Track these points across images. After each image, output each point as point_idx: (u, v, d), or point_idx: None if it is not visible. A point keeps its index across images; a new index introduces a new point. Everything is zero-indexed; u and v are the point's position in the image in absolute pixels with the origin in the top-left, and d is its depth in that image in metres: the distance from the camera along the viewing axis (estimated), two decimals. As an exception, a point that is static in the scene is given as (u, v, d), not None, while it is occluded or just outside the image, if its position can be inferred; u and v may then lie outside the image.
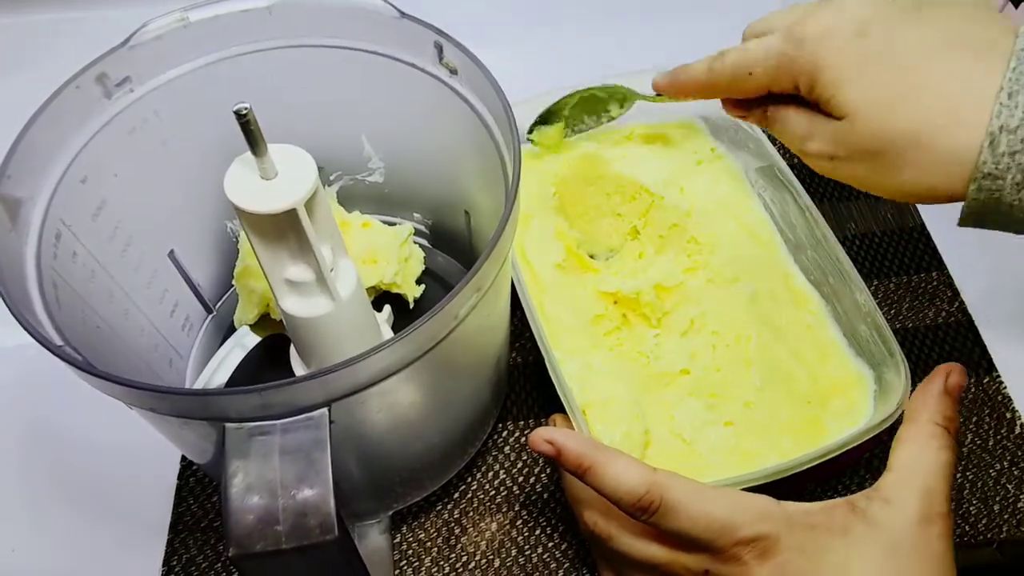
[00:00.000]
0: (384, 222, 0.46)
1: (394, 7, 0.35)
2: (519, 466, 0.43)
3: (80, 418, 0.45)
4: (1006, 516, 0.41)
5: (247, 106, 0.27)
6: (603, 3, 0.68)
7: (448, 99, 0.36)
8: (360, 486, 0.36)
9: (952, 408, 0.32)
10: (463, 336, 0.30)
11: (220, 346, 0.45)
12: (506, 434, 0.44)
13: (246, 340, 0.45)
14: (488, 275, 0.29)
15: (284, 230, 0.31)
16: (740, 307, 0.44)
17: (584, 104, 0.48)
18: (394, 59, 0.37)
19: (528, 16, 0.67)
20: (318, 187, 0.30)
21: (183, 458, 0.44)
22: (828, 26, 0.32)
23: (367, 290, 0.40)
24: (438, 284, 0.47)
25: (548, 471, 0.43)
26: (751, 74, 0.35)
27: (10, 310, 0.26)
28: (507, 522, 0.41)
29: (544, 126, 0.48)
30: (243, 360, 0.44)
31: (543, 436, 0.32)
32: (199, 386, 0.43)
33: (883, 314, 0.47)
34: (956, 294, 0.49)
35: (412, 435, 0.35)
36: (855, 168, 0.32)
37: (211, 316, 0.46)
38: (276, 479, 0.26)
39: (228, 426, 0.26)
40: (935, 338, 0.47)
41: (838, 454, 0.35)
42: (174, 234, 0.41)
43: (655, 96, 0.42)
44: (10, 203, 0.30)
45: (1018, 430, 0.44)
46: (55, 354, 0.26)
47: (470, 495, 0.42)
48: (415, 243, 0.47)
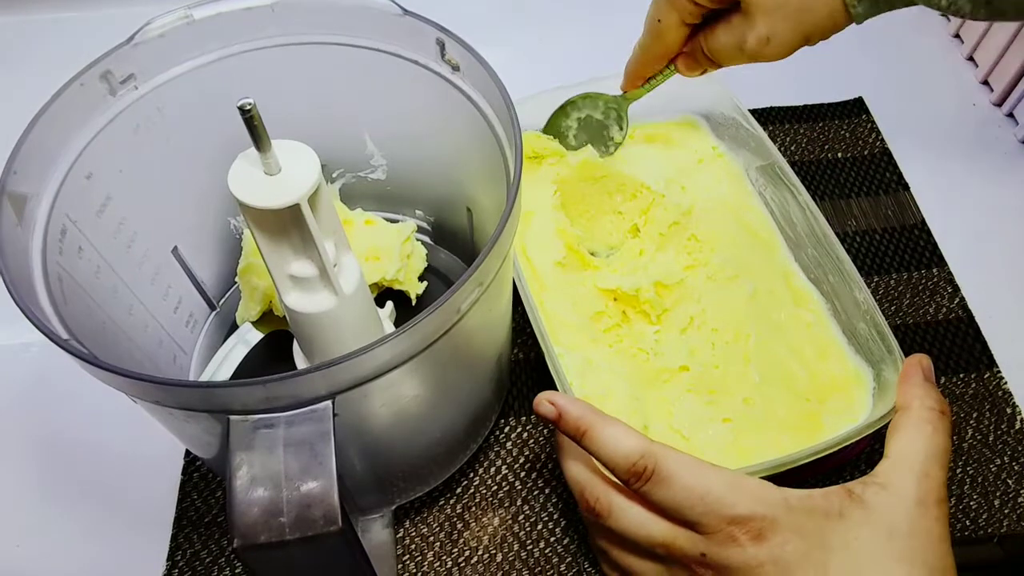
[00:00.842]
0: (386, 219, 0.47)
1: (397, 4, 0.35)
2: (521, 461, 0.43)
3: (85, 415, 0.45)
4: (1006, 511, 0.41)
5: (251, 102, 0.27)
6: (604, 1, 0.68)
7: (450, 96, 0.36)
8: (364, 480, 0.37)
9: (937, 392, 0.33)
10: (465, 331, 0.31)
11: (223, 342, 0.45)
12: (508, 430, 0.45)
13: (249, 336, 0.45)
14: (490, 270, 0.29)
15: (287, 225, 0.31)
16: (740, 304, 0.44)
17: (586, 129, 0.49)
18: (396, 56, 0.37)
19: (529, 14, 0.68)
20: (321, 182, 0.30)
21: (187, 453, 0.44)
22: None
23: (370, 287, 0.41)
24: (440, 281, 0.48)
25: (550, 466, 0.43)
26: (660, 21, 0.42)
27: (17, 304, 0.27)
28: (509, 517, 0.42)
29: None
30: (246, 356, 0.44)
31: (546, 397, 0.33)
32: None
33: (884, 311, 0.47)
34: (956, 290, 0.49)
35: (415, 430, 0.35)
36: (783, 25, 0.38)
37: (214, 312, 0.46)
38: (280, 471, 0.26)
39: (232, 419, 0.26)
40: (936, 334, 0.48)
41: (836, 450, 0.35)
42: (178, 231, 0.42)
43: (625, 96, 0.47)
44: (16, 199, 0.30)
45: (1018, 425, 0.44)
46: (61, 347, 0.26)
47: (472, 490, 0.43)
48: (417, 240, 0.47)
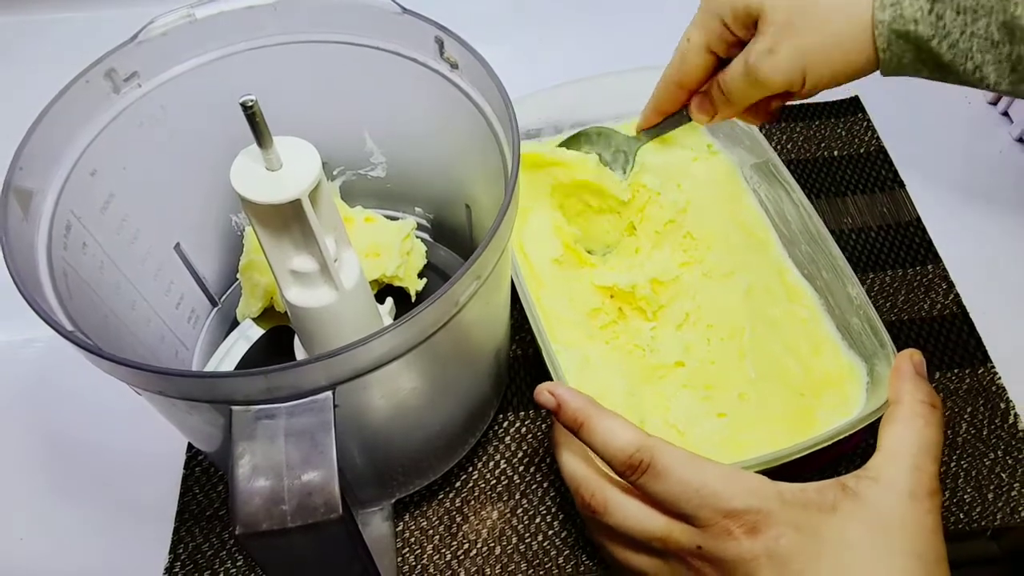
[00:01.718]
0: (386, 216, 0.47)
1: (396, 3, 0.36)
2: (519, 456, 0.44)
3: (88, 410, 0.46)
4: (1000, 504, 0.42)
5: (253, 98, 0.27)
6: (602, 0, 0.68)
7: (449, 94, 0.37)
8: (364, 473, 0.37)
9: (928, 386, 0.34)
10: (463, 324, 0.31)
11: (225, 338, 0.46)
12: (507, 424, 0.45)
13: (250, 332, 0.46)
14: (487, 263, 0.30)
15: (289, 221, 0.31)
16: (735, 301, 0.44)
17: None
18: (396, 54, 0.37)
19: (528, 13, 0.68)
20: (322, 178, 0.31)
21: (189, 448, 0.44)
22: None
23: (370, 284, 0.41)
24: (440, 278, 0.48)
25: (548, 460, 0.44)
26: (688, 40, 0.40)
27: (23, 296, 0.27)
28: (508, 510, 0.42)
29: None
30: (248, 351, 0.45)
31: (547, 388, 0.33)
32: (204, 377, 0.44)
33: (879, 307, 0.48)
34: (951, 287, 0.50)
35: (414, 423, 0.36)
36: (788, 41, 0.37)
37: (216, 308, 0.47)
38: (282, 461, 0.26)
39: (235, 409, 0.27)
40: (930, 330, 0.48)
41: (830, 444, 0.36)
42: (180, 227, 0.42)
43: (637, 137, 0.46)
44: (22, 194, 0.31)
45: (1012, 420, 0.44)
46: (67, 338, 0.27)
47: (471, 484, 0.43)
48: (417, 237, 0.47)
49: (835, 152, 0.57)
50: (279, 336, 0.45)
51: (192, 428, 0.33)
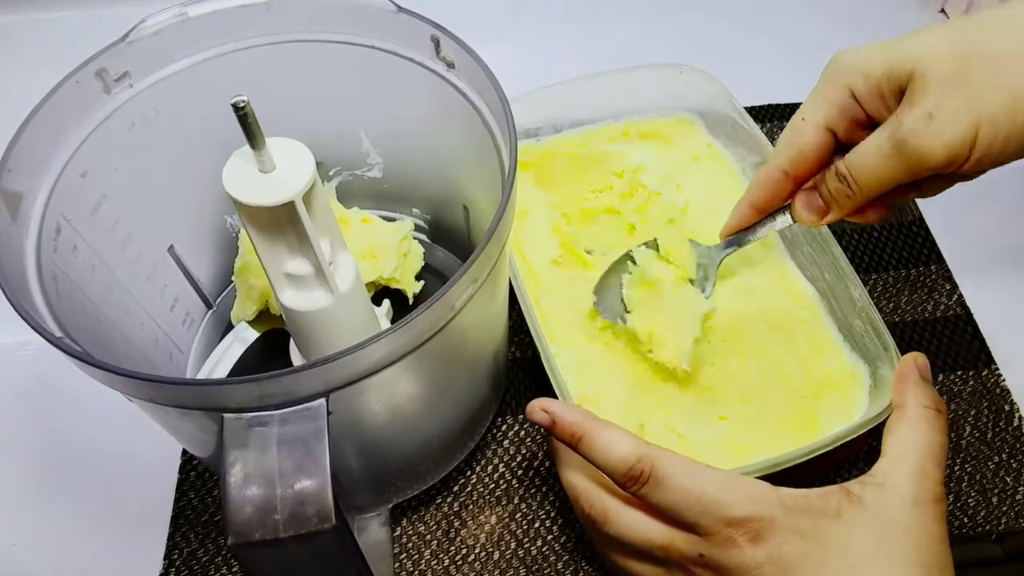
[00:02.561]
0: (383, 217, 0.47)
1: (391, 1, 0.35)
2: (518, 460, 0.43)
3: (81, 414, 0.45)
4: (1004, 508, 0.41)
5: (244, 99, 0.27)
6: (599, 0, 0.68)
7: (445, 93, 0.36)
8: (360, 479, 0.37)
9: (933, 390, 0.33)
10: (460, 328, 0.31)
11: (220, 341, 0.45)
12: (505, 428, 0.45)
13: (246, 335, 0.45)
14: (485, 266, 0.29)
15: (282, 223, 0.31)
16: (736, 303, 0.44)
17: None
18: (391, 53, 0.37)
19: (525, 12, 0.68)
20: (316, 180, 0.30)
21: (184, 452, 0.44)
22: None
23: (367, 286, 0.41)
24: (437, 279, 0.48)
25: (547, 464, 0.43)
26: (803, 118, 0.34)
27: (10, 302, 0.27)
28: (506, 515, 0.42)
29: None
30: (243, 354, 0.44)
31: (539, 405, 0.32)
32: (199, 381, 0.43)
33: (882, 308, 0.47)
34: (955, 287, 0.49)
35: (411, 427, 0.35)
36: (953, 102, 0.30)
37: (211, 311, 0.46)
38: (274, 469, 0.26)
39: (227, 417, 0.26)
40: (934, 331, 0.48)
41: (833, 448, 0.35)
42: (174, 229, 0.42)
43: (720, 245, 0.41)
44: (10, 197, 0.30)
45: (1016, 422, 0.44)
46: (55, 345, 0.26)
47: (469, 488, 0.42)
48: (414, 239, 0.47)
49: (837, 151, 0.56)
50: (275, 339, 0.45)
51: (185, 435, 0.33)
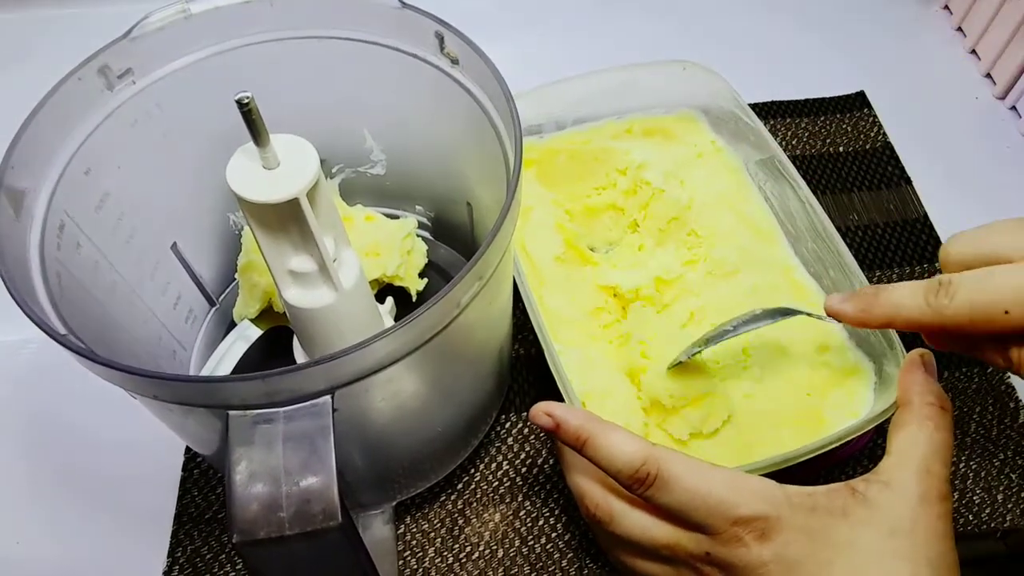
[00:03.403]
0: (386, 215, 0.46)
1: (395, -3, 0.35)
2: (522, 457, 0.43)
3: (85, 411, 0.45)
4: (1009, 505, 0.41)
5: (249, 95, 0.27)
6: (604, -3, 0.68)
7: (450, 89, 0.36)
8: (364, 476, 0.36)
9: (938, 388, 0.33)
10: (465, 325, 0.31)
11: (223, 338, 0.45)
12: (509, 425, 0.44)
13: (249, 332, 0.45)
14: (490, 263, 0.29)
15: (286, 220, 0.31)
16: (740, 299, 0.44)
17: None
18: (395, 50, 0.37)
19: (529, 8, 0.68)
20: (320, 177, 0.30)
21: (187, 450, 0.44)
22: None
23: (370, 283, 0.40)
24: (441, 277, 0.48)
25: (551, 462, 0.43)
26: (1007, 312, 0.28)
27: (14, 298, 0.27)
28: (510, 513, 0.42)
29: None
30: (246, 352, 0.44)
31: (543, 409, 0.32)
32: (202, 378, 0.43)
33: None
34: (958, 285, 0.49)
35: (415, 425, 0.35)
36: None
37: (214, 308, 0.46)
38: (279, 466, 0.26)
39: (232, 414, 0.26)
40: (937, 329, 0.47)
41: (839, 445, 0.35)
42: (177, 227, 0.42)
43: (823, 317, 0.36)
44: (14, 194, 0.30)
45: (1021, 420, 0.44)
46: (58, 342, 0.26)
47: (473, 486, 0.42)
48: (417, 236, 0.47)
49: (841, 148, 0.56)
50: (278, 336, 0.45)
51: (189, 432, 0.33)
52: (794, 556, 0.29)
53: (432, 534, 0.41)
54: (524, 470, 0.43)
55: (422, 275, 0.46)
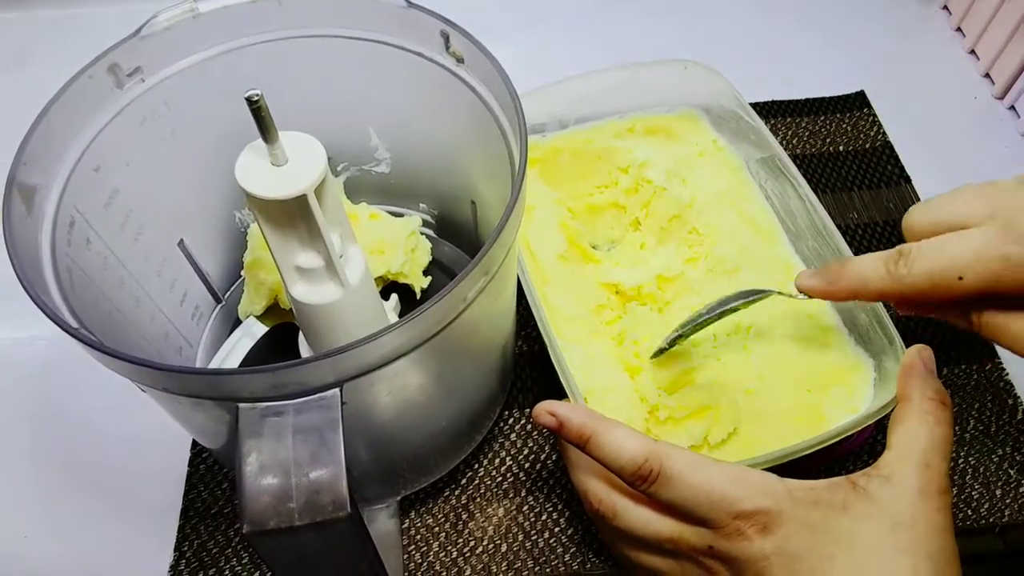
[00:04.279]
0: (390, 213, 0.47)
1: (401, -3, 0.36)
2: (525, 452, 0.44)
3: (92, 407, 0.46)
4: (1008, 501, 0.41)
5: (259, 92, 0.27)
6: (606, -3, 0.68)
7: (455, 88, 0.36)
8: (370, 470, 0.37)
9: (938, 383, 0.33)
10: (470, 320, 0.31)
11: (229, 335, 0.45)
12: (512, 421, 0.45)
13: (255, 329, 0.45)
14: (495, 259, 0.29)
15: (294, 216, 0.31)
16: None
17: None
18: (401, 48, 0.37)
19: (533, 7, 0.68)
20: (328, 174, 0.31)
21: (194, 445, 0.44)
22: None
23: (375, 280, 0.41)
24: (445, 275, 0.48)
25: (554, 457, 0.44)
26: (961, 278, 0.29)
27: (27, 292, 0.27)
28: (513, 508, 0.42)
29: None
30: (252, 348, 0.45)
31: (546, 408, 0.33)
32: (209, 374, 0.43)
33: (885, 302, 0.47)
34: (957, 283, 0.49)
35: (421, 419, 0.35)
36: None
37: (220, 305, 0.46)
38: (289, 458, 0.26)
39: (241, 406, 0.27)
40: (938, 325, 0.48)
41: (838, 440, 0.36)
42: (184, 224, 0.42)
43: (797, 296, 0.36)
44: (26, 190, 0.31)
45: (1020, 416, 0.44)
46: (72, 335, 0.26)
47: (477, 481, 0.43)
48: (422, 234, 0.47)
49: (841, 147, 0.57)
50: (283, 333, 0.45)
51: (197, 426, 0.33)
52: (795, 549, 0.29)
53: (436, 529, 0.41)
54: (527, 465, 0.43)
55: (426, 273, 0.47)
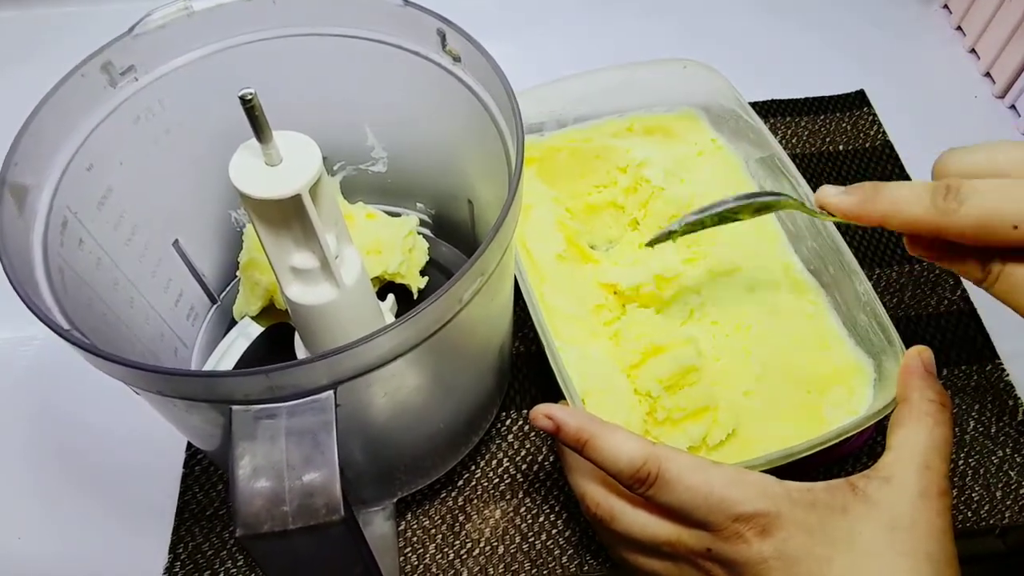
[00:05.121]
0: (387, 212, 0.47)
1: (397, -5, 0.35)
2: (522, 454, 0.44)
3: (87, 408, 0.45)
4: (1008, 502, 0.41)
5: (252, 91, 0.27)
6: (604, -4, 0.68)
7: (451, 87, 0.36)
8: (366, 472, 0.37)
9: (938, 384, 0.33)
10: (467, 321, 0.31)
11: (224, 335, 0.45)
12: (509, 422, 0.45)
13: (250, 330, 0.45)
14: (492, 259, 0.29)
15: (289, 217, 0.31)
16: (739, 296, 0.44)
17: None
18: (397, 47, 0.37)
19: (530, 6, 0.68)
20: (322, 174, 0.30)
21: (189, 447, 0.44)
22: None
23: (371, 280, 0.41)
24: (442, 275, 0.48)
25: (552, 459, 0.43)
26: (1016, 227, 0.26)
27: (18, 294, 0.27)
28: (511, 509, 0.42)
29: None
30: (248, 349, 0.44)
31: (543, 411, 0.32)
32: (204, 375, 0.43)
33: (886, 303, 0.47)
34: (958, 282, 0.49)
35: (417, 421, 0.35)
36: None
37: (216, 306, 0.46)
38: (283, 461, 0.26)
39: (235, 409, 0.26)
40: (938, 326, 0.48)
41: (838, 442, 0.35)
42: (178, 223, 0.42)
43: (815, 212, 0.33)
44: (17, 190, 0.30)
45: (1020, 417, 0.44)
46: (64, 337, 0.26)
47: (474, 483, 0.43)
48: (419, 234, 0.47)
49: (840, 147, 0.56)
50: (279, 333, 0.45)
51: (191, 428, 0.33)
52: (794, 552, 0.29)
53: (433, 531, 0.41)
54: (524, 467, 0.43)
55: (423, 273, 0.46)
